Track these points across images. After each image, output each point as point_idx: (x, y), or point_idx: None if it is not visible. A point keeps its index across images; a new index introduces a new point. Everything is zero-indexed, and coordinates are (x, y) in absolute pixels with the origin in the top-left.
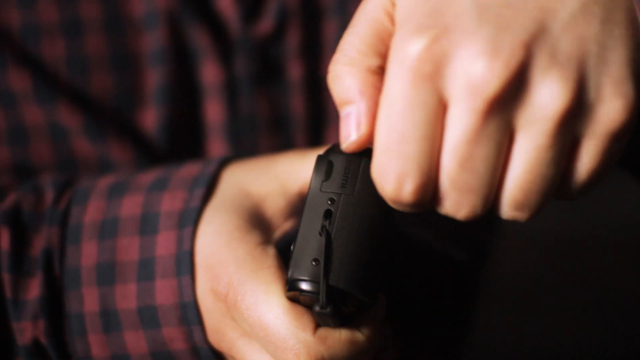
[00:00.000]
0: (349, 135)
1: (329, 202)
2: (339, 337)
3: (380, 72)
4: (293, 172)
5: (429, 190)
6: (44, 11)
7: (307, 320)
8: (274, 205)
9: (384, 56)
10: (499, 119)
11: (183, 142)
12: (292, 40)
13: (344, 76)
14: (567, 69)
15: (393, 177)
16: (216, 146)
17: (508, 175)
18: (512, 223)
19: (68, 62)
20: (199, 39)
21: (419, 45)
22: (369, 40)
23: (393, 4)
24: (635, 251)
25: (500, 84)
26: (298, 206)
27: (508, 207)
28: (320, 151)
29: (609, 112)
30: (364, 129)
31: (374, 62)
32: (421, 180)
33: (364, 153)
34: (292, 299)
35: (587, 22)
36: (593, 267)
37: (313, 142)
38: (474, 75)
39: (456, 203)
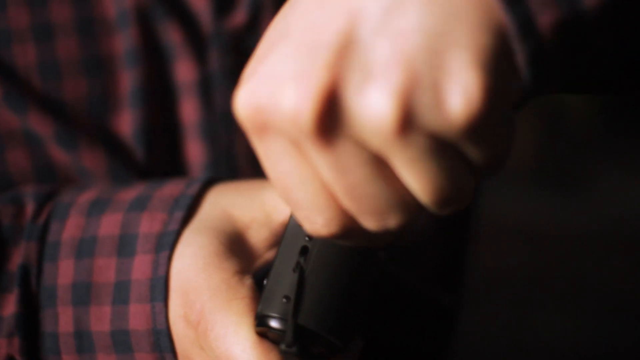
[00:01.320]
0: None
1: (307, 239)
2: None
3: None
4: (280, 201)
5: (342, 222)
6: (15, 16)
7: (273, 357)
8: (257, 234)
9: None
10: (342, 146)
11: (160, 145)
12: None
13: None
14: (385, 80)
15: (306, 224)
16: (193, 147)
17: (407, 186)
18: (506, 219)
19: (40, 67)
20: (171, 36)
21: (239, 100)
22: None
23: None
24: (631, 246)
25: (311, 117)
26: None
27: (434, 209)
28: None
29: (451, 113)
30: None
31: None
32: (326, 219)
33: None
34: (262, 334)
35: (406, 11)
36: (589, 262)
37: None
38: (287, 112)
39: (378, 223)
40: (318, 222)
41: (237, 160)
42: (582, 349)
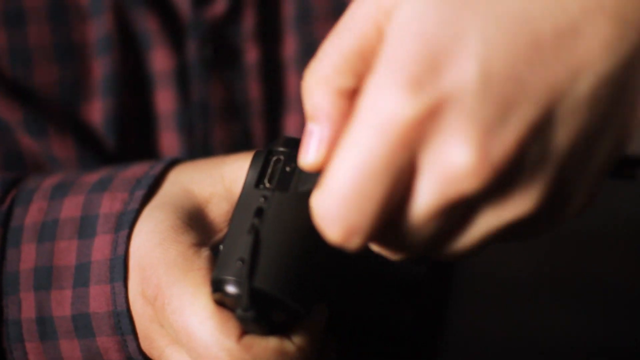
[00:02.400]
0: (307, 154)
1: (262, 200)
2: (266, 345)
3: (351, 95)
4: (240, 174)
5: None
6: None
7: (232, 326)
8: (217, 208)
9: (360, 77)
10: (463, 208)
11: (132, 135)
12: (248, 21)
13: (315, 93)
14: (549, 173)
15: (342, 229)
16: (167, 138)
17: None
18: None
19: (10, 53)
20: (147, 24)
21: (409, 111)
22: (348, 56)
23: (387, 18)
24: (632, 245)
25: (477, 187)
26: None
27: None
28: None
29: (571, 209)
30: (321, 155)
31: (347, 82)
32: (371, 236)
33: None
34: (220, 303)
35: (591, 110)
36: (589, 262)
37: (271, 130)
38: (454, 166)
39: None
40: (354, 240)
41: (214, 152)
42: (581, 347)
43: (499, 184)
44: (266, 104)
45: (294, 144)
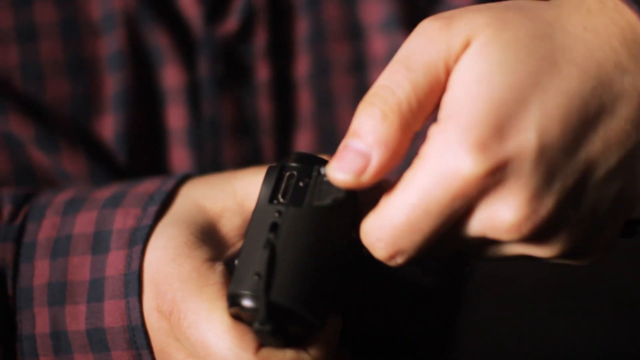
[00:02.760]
0: (346, 172)
1: (277, 215)
2: (283, 357)
3: (414, 134)
4: (252, 188)
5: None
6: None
7: (249, 340)
8: (230, 223)
9: (428, 116)
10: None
11: (143, 150)
12: (259, 39)
13: (381, 119)
14: (574, 231)
15: (389, 252)
16: (178, 154)
17: None
18: None
19: (22, 69)
20: (159, 41)
21: (475, 169)
22: (423, 96)
23: (455, 62)
24: (632, 245)
25: (515, 239)
26: None
27: None
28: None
29: (577, 262)
30: (365, 180)
31: (417, 125)
32: (414, 258)
33: (316, 161)
34: (236, 317)
35: (615, 180)
36: (602, 268)
37: (281, 147)
38: (501, 221)
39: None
40: (397, 261)
41: (224, 168)
42: (583, 349)
43: (532, 236)
44: (277, 122)
45: (307, 160)
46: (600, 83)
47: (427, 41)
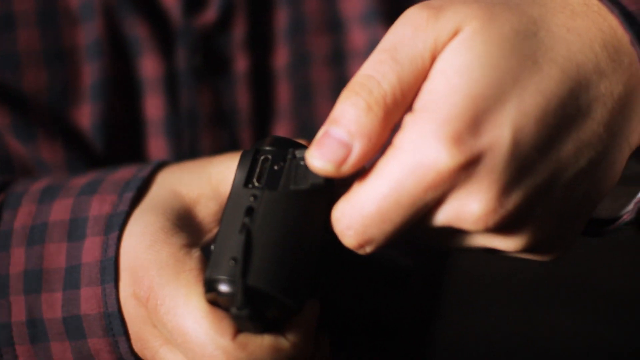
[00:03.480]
0: (327, 161)
1: (252, 199)
2: (261, 343)
3: (396, 125)
4: (227, 173)
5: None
6: None
7: (226, 325)
8: (205, 209)
9: (410, 107)
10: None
11: (120, 140)
12: (238, 30)
13: (365, 110)
14: (537, 227)
15: (358, 239)
16: (155, 144)
17: None
18: None
19: None
20: (138, 30)
21: (449, 163)
22: (407, 89)
23: (441, 47)
24: (632, 245)
25: (480, 230)
26: None
27: None
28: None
29: (539, 258)
30: (345, 170)
31: (398, 117)
32: (383, 246)
33: (291, 145)
34: (213, 303)
35: (584, 181)
36: (588, 260)
37: (259, 138)
38: (468, 213)
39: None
40: (366, 249)
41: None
42: (579, 349)
43: (497, 228)
44: (255, 113)
45: (282, 143)
46: (579, 85)
47: (415, 31)
